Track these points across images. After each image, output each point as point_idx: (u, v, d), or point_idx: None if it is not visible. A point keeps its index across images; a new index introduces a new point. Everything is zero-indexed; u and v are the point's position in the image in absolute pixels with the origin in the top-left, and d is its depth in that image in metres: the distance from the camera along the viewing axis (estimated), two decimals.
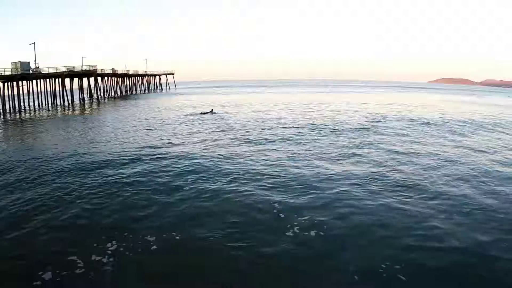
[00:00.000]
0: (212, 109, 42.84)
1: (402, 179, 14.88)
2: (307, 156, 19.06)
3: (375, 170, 16.32)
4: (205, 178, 15.17)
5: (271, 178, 15.00)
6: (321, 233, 10.02)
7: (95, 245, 9.44)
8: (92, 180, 15.17)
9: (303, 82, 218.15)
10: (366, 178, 14.91)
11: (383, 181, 14.58)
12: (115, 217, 11.26)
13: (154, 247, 9.41)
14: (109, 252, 9.10)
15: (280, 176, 15.31)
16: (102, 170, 16.77)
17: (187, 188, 13.79)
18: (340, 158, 18.79)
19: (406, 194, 13.08)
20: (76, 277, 8.13)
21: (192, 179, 14.88)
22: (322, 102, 58.25)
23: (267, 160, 18.20)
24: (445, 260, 8.65)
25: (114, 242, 9.56)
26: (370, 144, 22.11)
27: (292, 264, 8.61)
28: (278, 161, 17.99)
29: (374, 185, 14.15)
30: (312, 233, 10.05)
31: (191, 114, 40.34)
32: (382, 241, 9.57)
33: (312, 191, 13.29)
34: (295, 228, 10.30)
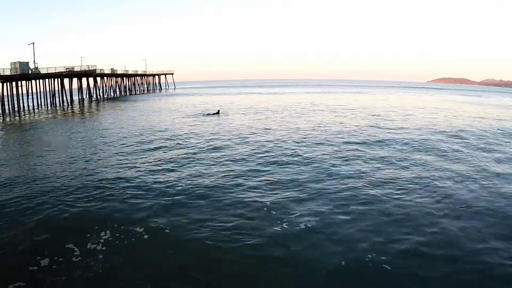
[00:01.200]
0: (219, 110, 41.64)
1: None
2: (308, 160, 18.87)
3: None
4: (204, 179, 15.27)
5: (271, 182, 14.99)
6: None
7: (88, 235, 9.74)
8: (89, 179, 15.44)
9: (303, 82, 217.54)
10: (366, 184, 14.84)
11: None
12: (109, 213, 11.42)
13: (145, 237, 9.72)
14: (102, 241, 9.41)
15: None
16: (100, 169, 17.16)
17: (183, 188, 13.74)
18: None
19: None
20: (72, 264, 8.39)
21: (190, 181, 14.89)
22: (323, 103, 57.44)
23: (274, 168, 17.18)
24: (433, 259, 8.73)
25: (108, 232, 9.89)
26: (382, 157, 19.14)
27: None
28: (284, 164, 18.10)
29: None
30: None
31: (197, 115, 39.17)
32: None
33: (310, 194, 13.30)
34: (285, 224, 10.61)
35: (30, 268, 8.26)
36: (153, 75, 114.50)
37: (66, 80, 61.86)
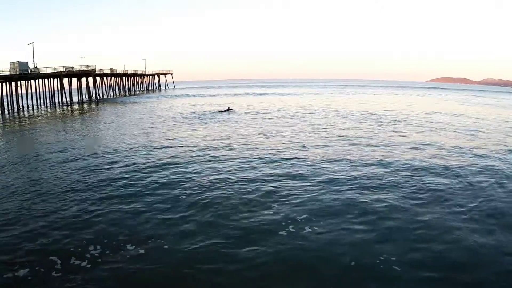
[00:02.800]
0: (229, 108, 43.08)
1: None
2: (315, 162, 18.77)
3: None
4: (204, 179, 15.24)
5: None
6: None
7: (72, 249, 9.41)
8: (84, 183, 15.24)
9: (304, 82, 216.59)
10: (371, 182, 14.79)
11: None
12: (101, 221, 11.19)
13: (140, 251, 9.43)
14: (89, 256, 9.08)
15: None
16: (96, 172, 16.94)
17: (178, 202, 13.21)
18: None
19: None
20: (52, 278, 8.20)
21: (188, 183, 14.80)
22: (327, 104, 56.33)
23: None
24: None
25: (98, 247, 9.54)
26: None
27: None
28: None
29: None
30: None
31: (206, 113, 40.48)
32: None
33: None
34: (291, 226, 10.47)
35: (6, 276, 8.15)
36: (153, 75, 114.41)
37: (65, 80, 61.84)
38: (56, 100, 60.48)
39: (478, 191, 13.55)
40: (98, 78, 75.01)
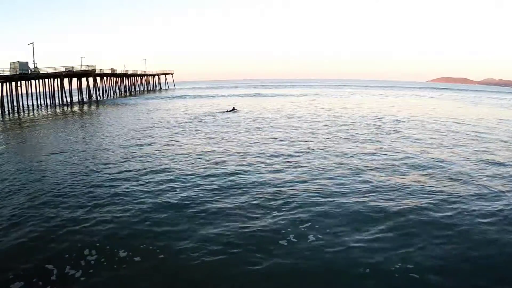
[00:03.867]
0: (234, 107, 44.67)
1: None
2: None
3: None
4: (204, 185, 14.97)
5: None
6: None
7: (67, 255, 9.05)
8: (80, 188, 14.67)
9: (305, 82, 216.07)
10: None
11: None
12: (97, 229, 10.72)
13: (135, 259, 9.00)
14: (84, 265, 8.70)
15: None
16: (94, 179, 16.61)
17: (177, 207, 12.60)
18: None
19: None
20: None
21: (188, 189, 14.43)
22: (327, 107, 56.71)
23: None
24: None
25: (94, 255, 9.15)
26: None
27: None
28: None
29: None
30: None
31: (212, 113, 41.52)
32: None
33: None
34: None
35: None
36: (153, 75, 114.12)
37: (65, 80, 61.53)
38: (56, 101, 60.22)
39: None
40: (98, 78, 74.69)
